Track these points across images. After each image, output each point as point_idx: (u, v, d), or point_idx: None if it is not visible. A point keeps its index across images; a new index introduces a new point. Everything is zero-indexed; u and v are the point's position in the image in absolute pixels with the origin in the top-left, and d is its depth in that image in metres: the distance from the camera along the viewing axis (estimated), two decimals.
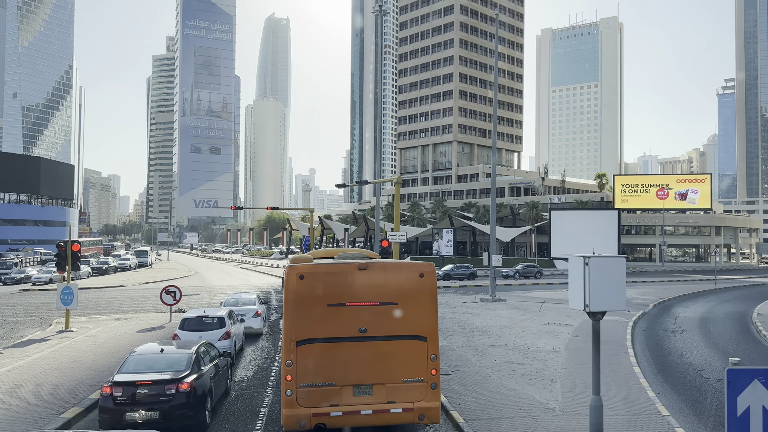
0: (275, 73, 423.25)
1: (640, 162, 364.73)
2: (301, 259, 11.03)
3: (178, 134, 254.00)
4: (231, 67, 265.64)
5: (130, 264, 72.72)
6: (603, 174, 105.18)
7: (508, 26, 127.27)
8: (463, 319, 25.83)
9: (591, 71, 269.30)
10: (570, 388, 14.19)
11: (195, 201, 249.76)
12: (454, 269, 54.16)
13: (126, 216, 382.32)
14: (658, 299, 36.01)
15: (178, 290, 25.20)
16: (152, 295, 38.38)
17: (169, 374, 11.25)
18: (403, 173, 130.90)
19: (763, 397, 5.50)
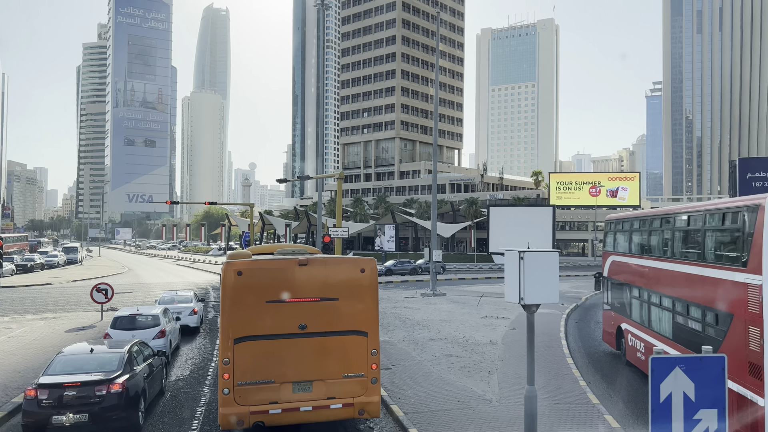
0: (214, 64, 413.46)
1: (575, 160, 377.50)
2: (239, 255, 10.84)
3: (110, 126, 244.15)
4: (167, 58, 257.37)
5: (59, 261, 69.54)
6: (539, 172, 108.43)
7: (449, 25, 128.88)
8: (405, 314, 26.05)
9: (528, 71, 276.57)
10: (506, 379, 14.56)
11: (128, 195, 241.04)
12: (396, 264, 54.54)
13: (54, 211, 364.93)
14: (590, 292, 37.39)
15: (110, 288, 24.36)
16: (82, 293, 36.80)
17: (100, 375, 10.84)
18: (346, 169, 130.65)
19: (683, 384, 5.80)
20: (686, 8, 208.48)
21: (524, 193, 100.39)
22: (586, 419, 11.59)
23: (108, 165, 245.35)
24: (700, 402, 5.88)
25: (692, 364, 5.89)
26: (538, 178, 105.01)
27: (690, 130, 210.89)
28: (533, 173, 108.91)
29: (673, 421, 5.86)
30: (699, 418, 5.87)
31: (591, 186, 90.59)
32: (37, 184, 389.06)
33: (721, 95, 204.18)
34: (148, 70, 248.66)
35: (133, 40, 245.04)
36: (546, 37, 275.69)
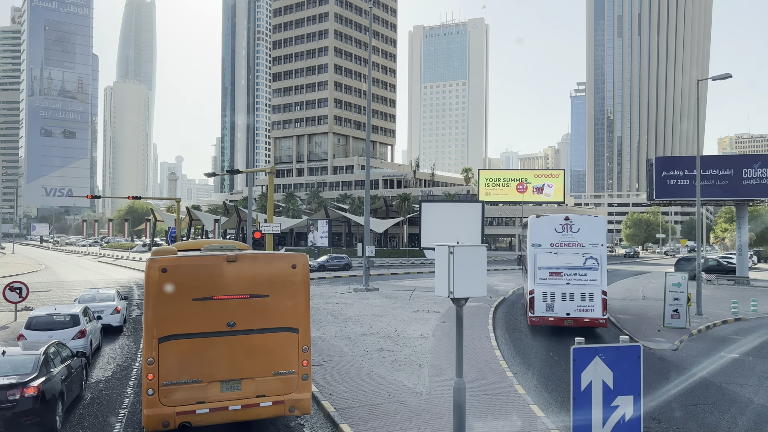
0: (138, 53, 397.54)
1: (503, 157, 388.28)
2: (164, 252, 10.48)
3: (25, 115, 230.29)
4: (88, 45, 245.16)
5: None
6: (469, 168, 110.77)
7: (381, 20, 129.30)
8: (337, 309, 26.02)
9: (459, 69, 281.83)
10: (437, 372, 14.80)
11: (46, 189, 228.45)
12: (329, 260, 54.34)
13: None
14: (517, 286, 38.58)
15: (24, 286, 23.07)
16: None
17: (13, 378, 10.26)
18: (278, 163, 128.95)
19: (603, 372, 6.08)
20: (608, 13, 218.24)
21: (455, 189, 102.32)
22: (512, 409, 11.95)
23: (23, 156, 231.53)
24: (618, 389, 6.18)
25: (610, 353, 6.17)
26: (468, 175, 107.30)
27: (611, 130, 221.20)
28: (463, 170, 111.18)
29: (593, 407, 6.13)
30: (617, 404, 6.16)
31: (518, 183, 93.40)
32: None
33: (640, 96, 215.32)
34: (66, 57, 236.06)
35: (50, 26, 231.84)
36: (476, 36, 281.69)
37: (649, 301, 30.56)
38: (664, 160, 42.00)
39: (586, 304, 20.12)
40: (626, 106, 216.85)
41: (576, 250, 20.29)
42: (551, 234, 20.57)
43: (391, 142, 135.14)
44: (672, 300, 22.31)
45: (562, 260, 20.34)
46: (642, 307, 28.61)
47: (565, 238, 20.44)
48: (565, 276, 20.32)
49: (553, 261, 20.41)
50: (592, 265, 20.17)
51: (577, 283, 20.22)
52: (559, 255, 20.38)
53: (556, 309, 20.34)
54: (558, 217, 20.77)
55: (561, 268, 20.36)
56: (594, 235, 20.35)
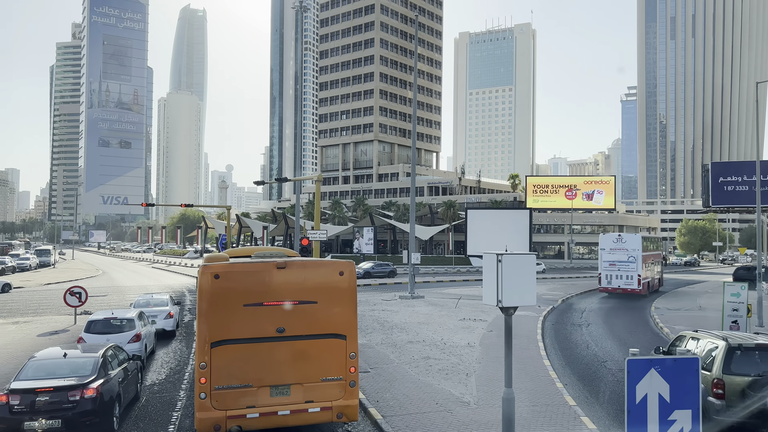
0: (191, 65, 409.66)
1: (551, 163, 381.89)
2: (216, 258, 10.73)
3: (84, 127, 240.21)
4: (143, 58, 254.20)
5: (31, 264, 68.09)
6: (516, 175, 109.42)
7: (427, 28, 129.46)
8: (383, 317, 26.04)
9: (506, 75, 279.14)
10: (484, 381, 14.63)
11: (103, 197, 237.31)
12: (374, 267, 54.48)
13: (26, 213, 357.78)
14: (566, 295, 37.81)
15: (83, 291, 23.92)
16: (55, 296, 36.09)
17: (73, 380, 10.65)
18: (324, 171, 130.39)
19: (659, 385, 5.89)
20: (660, 15, 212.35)
21: (501, 196, 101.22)
22: (563, 421, 11.70)
23: (82, 166, 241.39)
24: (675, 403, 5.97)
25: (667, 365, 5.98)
26: (515, 182, 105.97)
27: (664, 135, 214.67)
28: (510, 176, 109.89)
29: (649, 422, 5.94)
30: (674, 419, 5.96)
31: (567, 189, 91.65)
32: (9, 185, 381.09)
33: (695, 100, 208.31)
34: (123, 70, 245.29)
35: (108, 40, 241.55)
36: (523, 42, 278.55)
37: (706, 312, 29.45)
38: (721, 166, 40.55)
39: (629, 281, 35.27)
40: (680, 110, 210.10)
41: (623, 252, 35.30)
42: (610, 243, 36.19)
43: (436, 149, 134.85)
44: (731, 311, 21.41)
45: (615, 257, 35.68)
46: (698, 317, 27.59)
47: (617, 245, 35.77)
48: (617, 266, 35.61)
49: (610, 257, 35.93)
50: (632, 260, 35.10)
51: (624, 270, 35.34)
52: (613, 254, 35.73)
53: (612, 283, 35.87)
54: (614, 234, 36.94)
55: (615, 262, 35.76)
56: (634, 244, 35.26)
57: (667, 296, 37.49)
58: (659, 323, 25.64)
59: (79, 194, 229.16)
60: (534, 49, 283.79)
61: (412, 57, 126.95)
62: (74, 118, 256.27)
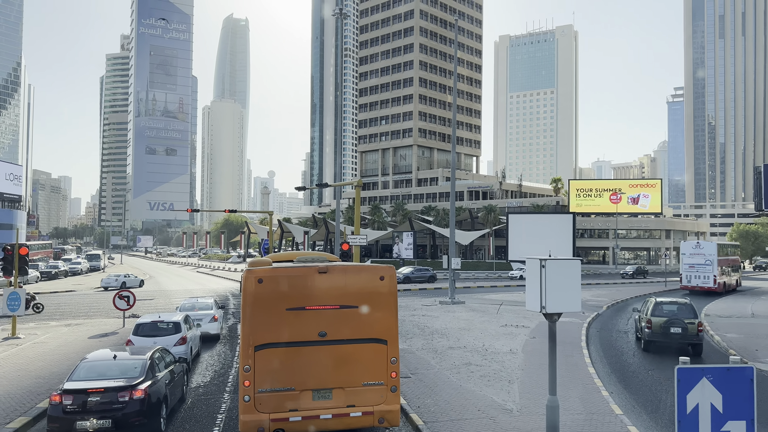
0: (233, 74, 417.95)
1: (594, 167, 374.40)
2: (259, 263, 10.89)
3: (132, 135, 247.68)
4: (188, 68, 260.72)
5: (82, 268, 70.50)
6: (558, 179, 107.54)
7: (467, 32, 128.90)
8: (423, 322, 25.96)
9: (547, 78, 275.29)
10: (527, 388, 14.41)
11: (150, 203, 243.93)
12: (413, 272, 54.39)
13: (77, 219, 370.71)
14: (611, 301, 36.97)
15: (131, 295, 24.56)
16: (105, 300, 37.28)
17: (122, 381, 10.96)
18: (364, 176, 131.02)
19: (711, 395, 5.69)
20: (708, 13, 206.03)
21: (543, 201, 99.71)
22: (609, 430, 11.42)
23: (130, 173, 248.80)
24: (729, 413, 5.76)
25: (720, 374, 5.78)
26: (558, 185, 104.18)
27: (713, 136, 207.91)
28: (552, 180, 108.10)
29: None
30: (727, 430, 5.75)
31: (612, 193, 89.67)
32: (61, 192, 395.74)
33: (745, 100, 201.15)
34: (169, 79, 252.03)
35: (154, 51, 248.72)
36: (565, 43, 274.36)
37: (759, 319, 28.35)
38: None
39: (705, 281, 41.80)
40: (729, 111, 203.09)
41: (700, 257, 42.04)
42: (690, 249, 43.37)
43: (476, 153, 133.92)
44: None
45: (694, 261, 42.31)
46: (751, 325, 26.58)
47: (696, 251, 42.62)
48: (696, 268, 42.23)
49: (690, 261, 42.63)
50: (708, 263, 41.74)
51: (701, 271, 41.98)
52: (693, 258, 42.41)
53: (692, 282, 42.36)
54: (693, 242, 44.51)
55: (694, 264, 42.34)
56: (710, 249, 42.21)
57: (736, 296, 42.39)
58: (709, 330, 24.81)
59: (127, 200, 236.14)
60: (576, 51, 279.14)
61: (452, 61, 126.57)
62: (123, 126, 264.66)
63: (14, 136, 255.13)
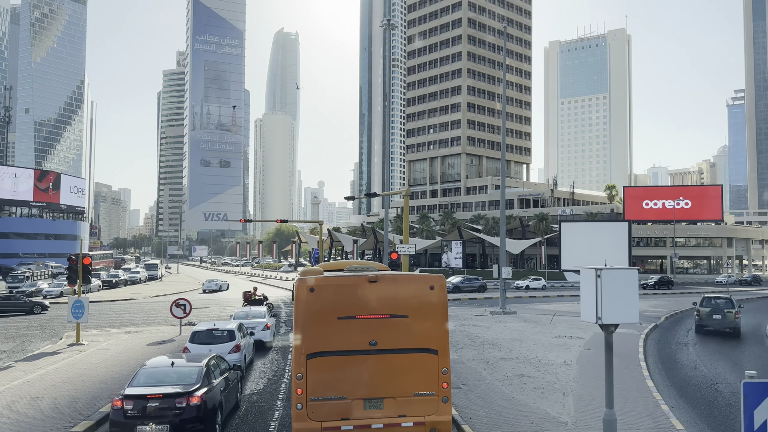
0: (284, 86, 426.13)
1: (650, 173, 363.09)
2: (311, 272, 11.01)
3: (188, 148, 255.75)
4: (240, 82, 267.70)
5: (140, 277, 72.97)
6: (612, 186, 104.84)
7: (515, 39, 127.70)
8: (474, 332, 25.69)
9: (599, 83, 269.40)
10: (582, 401, 14.05)
11: (205, 214, 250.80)
12: (463, 281, 53.94)
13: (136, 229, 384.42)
14: (669, 311, 35.68)
15: (188, 303, 25.21)
16: (162, 308, 38.47)
17: (180, 387, 11.24)
18: (412, 185, 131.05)
19: None
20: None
21: (597, 208, 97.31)
22: None
23: (186, 185, 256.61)
24: None
25: None
26: (612, 192, 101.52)
27: None
28: (606, 187, 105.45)
29: None
30: None
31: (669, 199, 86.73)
32: (121, 204, 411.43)
33: None
34: (222, 94, 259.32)
35: (208, 66, 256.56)
36: (617, 47, 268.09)
37: None
38: None
39: None
40: None
41: None
42: None
43: (526, 161, 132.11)
44: None
45: None
46: None
47: None
48: None
49: None
50: None
51: None
52: None
53: None
54: None
55: None
56: None
57: None
58: None
59: (183, 211, 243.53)
60: (629, 55, 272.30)
61: (501, 68, 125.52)
62: (178, 140, 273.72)
63: (78, 151, 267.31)
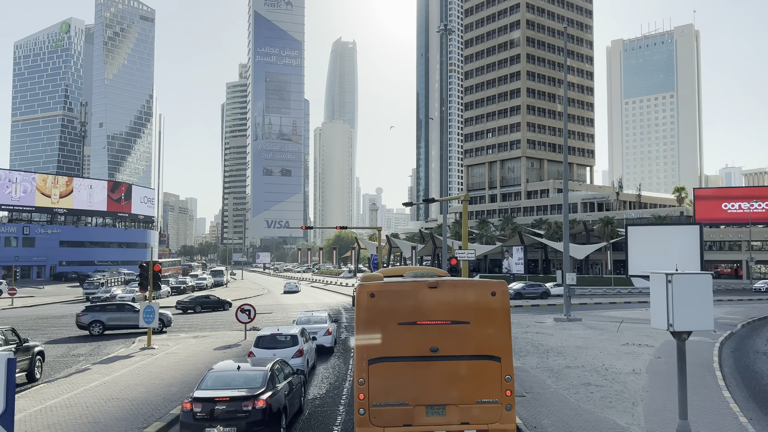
0: (342, 95, 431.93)
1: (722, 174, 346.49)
2: (371, 278, 11.07)
3: (250, 158, 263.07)
4: (300, 92, 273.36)
5: (207, 283, 75.29)
6: (681, 187, 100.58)
7: (576, 39, 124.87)
8: (537, 339, 25.16)
9: (666, 82, 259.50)
10: (653, 412, 13.50)
11: (267, 221, 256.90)
12: (525, 288, 52.97)
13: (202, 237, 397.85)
14: (746, 318, 33.85)
15: (252, 309, 25.81)
16: (228, 313, 39.58)
17: (245, 391, 11.50)
18: (470, 190, 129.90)
19: None
20: None
21: (665, 211, 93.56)
22: None
23: (249, 194, 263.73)
24: None
25: None
26: (681, 195, 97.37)
27: None
28: (675, 189, 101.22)
29: None
30: None
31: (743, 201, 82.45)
32: (188, 213, 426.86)
33: None
34: (283, 104, 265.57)
35: (269, 77, 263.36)
36: (685, 44, 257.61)
37: None
38: None
39: None
40: None
41: None
42: None
43: (589, 163, 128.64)
44: None
45: None
46: None
47: None
48: None
49: None
50: None
51: None
52: None
53: None
54: None
55: None
56: None
57: None
58: None
59: (247, 219, 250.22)
60: (698, 52, 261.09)
61: (560, 70, 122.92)
62: (242, 150, 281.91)
63: (147, 163, 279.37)
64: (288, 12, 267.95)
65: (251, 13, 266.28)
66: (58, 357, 23.12)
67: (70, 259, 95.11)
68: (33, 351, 18.73)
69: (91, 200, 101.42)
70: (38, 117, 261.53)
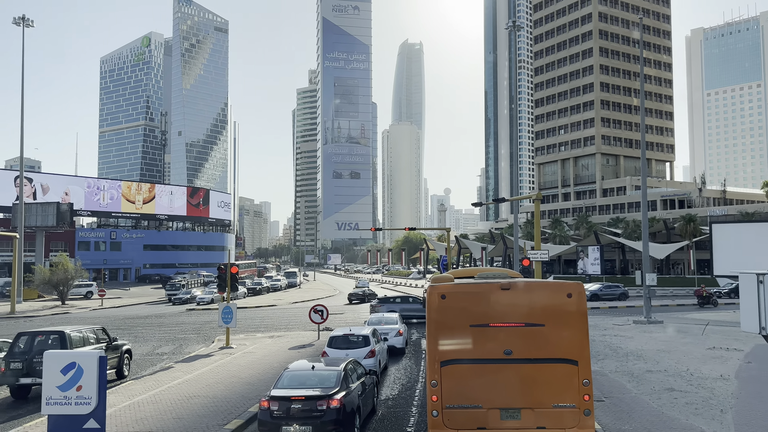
0: (409, 97, 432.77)
1: None
2: (442, 279, 11.01)
3: (321, 161, 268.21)
4: (368, 95, 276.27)
5: (281, 285, 77.27)
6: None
7: (652, 30, 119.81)
8: (616, 343, 24.27)
9: (752, 70, 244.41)
10: (744, 420, 12.72)
11: (337, 224, 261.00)
12: (602, 289, 51.25)
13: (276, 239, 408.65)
14: None
15: (325, 309, 26.26)
16: (301, 313, 40.45)
17: (320, 390, 11.69)
18: (542, 189, 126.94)
19: None
20: None
21: (754, 207, 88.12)
22: None
23: (320, 197, 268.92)
24: None
25: None
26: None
27: None
28: (764, 184, 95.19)
29: None
30: None
31: None
32: (262, 216, 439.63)
33: None
34: (351, 108, 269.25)
35: (338, 82, 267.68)
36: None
37: None
38: None
39: None
40: None
41: None
42: None
43: (669, 159, 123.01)
44: None
45: None
46: None
47: None
48: None
49: None
50: None
51: None
52: None
53: None
54: None
55: None
56: None
57: None
58: None
59: (318, 221, 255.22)
60: None
61: (636, 62, 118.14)
62: (312, 154, 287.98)
63: (223, 168, 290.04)
64: (355, 16, 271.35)
65: (320, 20, 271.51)
66: (144, 355, 24.35)
67: (153, 262, 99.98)
68: (121, 349, 19.81)
69: (172, 205, 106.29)
70: (123, 127, 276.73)
